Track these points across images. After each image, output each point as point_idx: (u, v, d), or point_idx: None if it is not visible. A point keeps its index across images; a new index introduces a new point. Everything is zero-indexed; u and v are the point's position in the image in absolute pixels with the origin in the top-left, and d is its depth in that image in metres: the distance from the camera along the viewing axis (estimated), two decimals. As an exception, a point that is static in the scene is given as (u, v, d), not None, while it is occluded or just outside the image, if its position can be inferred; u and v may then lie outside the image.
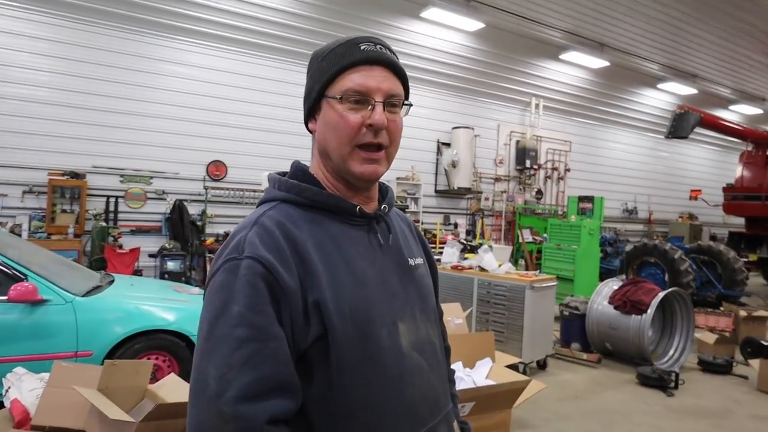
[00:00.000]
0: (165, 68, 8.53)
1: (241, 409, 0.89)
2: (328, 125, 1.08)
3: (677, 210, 16.93)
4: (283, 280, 0.96)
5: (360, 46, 1.08)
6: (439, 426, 1.13)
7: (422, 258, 1.28)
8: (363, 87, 1.05)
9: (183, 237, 8.26)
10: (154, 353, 4.16)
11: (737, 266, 9.66)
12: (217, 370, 0.91)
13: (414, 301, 1.15)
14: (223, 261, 0.99)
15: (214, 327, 0.94)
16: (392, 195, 1.25)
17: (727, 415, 4.75)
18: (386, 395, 1.03)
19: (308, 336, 0.98)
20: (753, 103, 15.84)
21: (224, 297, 0.95)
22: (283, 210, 1.07)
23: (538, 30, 10.79)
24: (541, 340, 5.68)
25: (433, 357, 1.17)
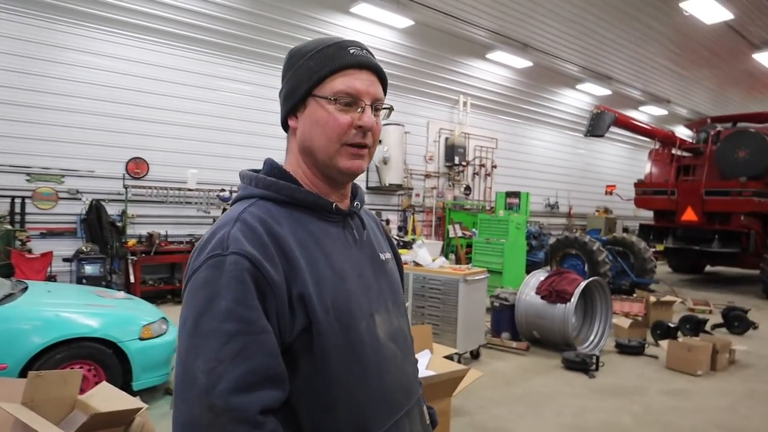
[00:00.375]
0: (77, 58, 7.95)
1: (234, 400, 0.90)
2: (316, 124, 1.11)
3: (594, 204, 18.01)
4: (269, 274, 0.99)
5: (349, 49, 1.13)
6: (413, 409, 1.21)
7: (390, 253, 1.34)
8: (354, 89, 1.10)
9: (102, 239, 7.78)
10: (78, 362, 3.96)
11: (647, 256, 10.43)
12: (206, 364, 0.92)
13: (386, 293, 1.22)
14: (207, 257, 1.00)
15: (199, 323, 0.95)
16: (362, 194, 1.30)
17: (641, 391, 5.16)
18: (366, 383, 1.08)
19: (293, 328, 1.01)
20: (659, 105, 17.08)
21: (209, 293, 0.96)
22: (263, 207, 1.09)
23: (465, 29, 11.09)
24: (474, 331, 5.87)
25: (405, 346, 1.24)
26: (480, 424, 4.27)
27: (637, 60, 13.34)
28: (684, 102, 17.35)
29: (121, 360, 4.14)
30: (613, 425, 4.34)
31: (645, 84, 15.35)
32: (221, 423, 0.89)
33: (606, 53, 12.78)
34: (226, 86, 9.55)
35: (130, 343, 4.16)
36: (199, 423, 0.90)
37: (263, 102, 9.92)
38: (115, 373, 4.07)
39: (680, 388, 5.31)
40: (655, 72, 14.34)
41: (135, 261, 8.04)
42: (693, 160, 12.27)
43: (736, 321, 7.63)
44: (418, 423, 1.23)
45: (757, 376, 5.76)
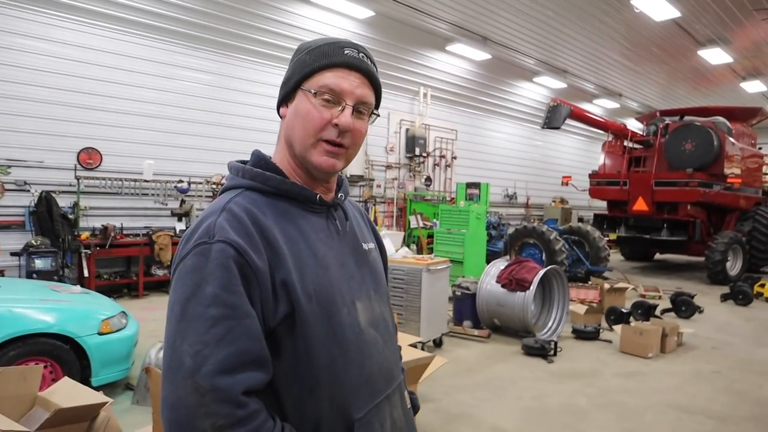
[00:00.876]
0: (25, 43, 7.59)
1: (218, 381, 0.94)
2: (298, 115, 1.15)
3: (551, 195, 18.46)
4: (254, 262, 1.02)
5: (344, 50, 1.16)
6: (393, 394, 1.25)
7: (374, 243, 1.39)
8: (338, 87, 1.13)
9: (53, 232, 7.48)
10: (34, 359, 3.84)
11: (601, 245, 10.79)
12: (192, 347, 0.95)
13: (368, 282, 1.26)
14: (194, 245, 1.04)
15: (186, 308, 0.99)
16: (347, 186, 1.34)
17: (597, 374, 5.37)
18: (348, 368, 1.12)
19: (277, 314, 1.05)
20: (612, 98, 17.58)
21: (196, 279, 1.00)
22: (249, 197, 1.13)
23: (426, 21, 11.13)
24: (437, 319, 5.96)
25: (386, 332, 1.28)
26: (445, 410, 4.36)
27: (592, 54, 13.70)
28: (635, 96, 17.94)
29: (80, 356, 4.05)
30: (571, 407, 4.52)
31: (598, 78, 15.78)
32: (206, 403, 0.93)
33: (562, 47, 13.07)
34: (183, 75, 9.31)
35: (89, 338, 4.07)
36: (186, 403, 0.93)
37: (222, 92, 9.73)
38: (73, 369, 3.96)
39: (633, 370, 5.55)
40: (608, 66, 14.75)
41: (89, 254, 7.78)
42: (644, 152, 12.69)
43: (684, 306, 8.01)
44: (399, 407, 1.27)
45: (703, 357, 6.09)
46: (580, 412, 4.42)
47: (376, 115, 1.23)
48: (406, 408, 1.32)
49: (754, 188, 13.18)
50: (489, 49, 12.55)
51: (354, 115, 1.14)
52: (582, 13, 11.03)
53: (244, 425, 0.95)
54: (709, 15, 11.07)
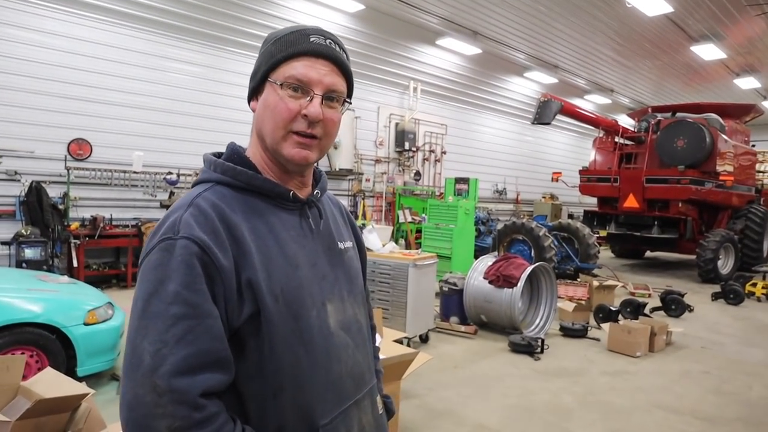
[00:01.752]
0: (16, 34, 7.58)
1: (176, 382, 0.92)
2: (267, 107, 1.11)
3: (541, 191, 18.41)
4: (218, 259, 0.99)
5: (310, 37, 1.11)
6: (364, 399, 1.21)
7: (351, 241, 1.34)
8: (305, 77, 1.09)
9: (43, 222, 7.53)
10: (20, 348, 3.87)
11: (591, 242, 10.72)
12: (152, 345, 0.93)
13: (342, 283, 1.22)
14: (159, 240, 1.01)
15: (148, 304, 0.96)
16: (325, 181, 1.30)
17: (584, 372, 5.29)
18: (314, 371, 1.09)
19: (241, 314, 1.02)
20: (603, 94, 17.58)
21: (159, 275, 0.97)
22: (218, 192, 1.10)
23: (416, 15, 11.03)
24: (423, 315, 5.89)
25: (359, 335, 1.24)
26: (429, 406, 4.28)
27: (583, 50, 13.64)
28: (626, 92, 17.92)
29: (66, 346, 4.09)
30: (557, 405, 4.42)
31: (590, 73, 15.73)
32: (163, 403, 0.91)
33: (553, 42, 12.99)
34: (174, 67, 9.26)
35: (75, 328, 4.10)
36: (143, 402, 0.91)
37: (212, 84, 9.68)
38: (59, 359, 4.00)
39: (620, 369, 5.47)
40: (600, 62, 14.71)
41: (78, 245, 7.86)
42: (635, 149, 12.66)
43: (673, 304, 7.95)
44: (369, 413, 1.23)
45: (691, 357, 6.01)
46: (566, 411, 4.32)
47: (348, 103, 1.18)
48: (377, 414, 1.28)
49: (747, 186, 13.17)
50: (479, 44, 12.46)
51: (324, 104, 1.10)
52: (573, 7, 10.94)
53: (200, 428, 0.93)
54: (702, 10, 11.01)
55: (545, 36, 12.58)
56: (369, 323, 1.37)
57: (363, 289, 1.35)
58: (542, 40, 12.82)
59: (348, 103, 1.18)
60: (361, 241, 1.42)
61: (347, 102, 1.17)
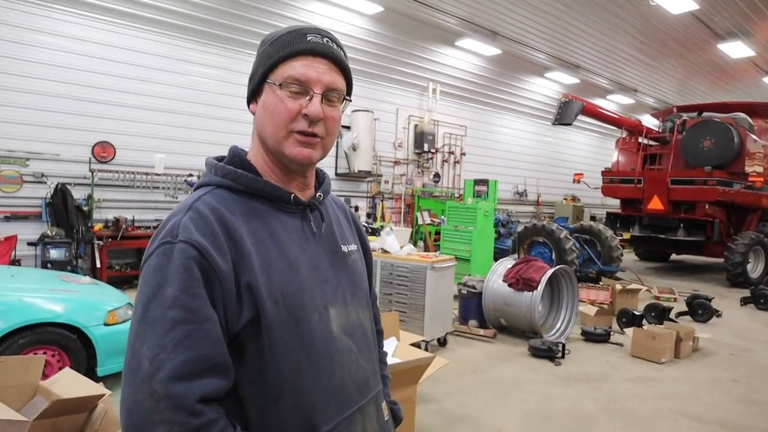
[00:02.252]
0: (44, 40, 7.75)
1: (173, 388, 0.91)
2: (266, 109, 1.11)
3: (562, 192, 18.16)
4: (216, 263, 0.99)
5: (307, 36, 1.11)
6: (368, 405, 1.19)
7: (356, 244, 1.32)
8: (304, 77, 1.08)
9: (67, 223, 7.68)
10: (42, 348, 3.93)
11: (614, 244, 10.49)
12: (151, 350, 0.93)
13: (345, 286, 1.20)
14: (158, 244, 1.01)
15: (147, 309, 0.96)
16: (329, 183, 1.28)
17: (606, 379, 5.15)
18: (316, 376, 1.07)
19: (241, 318, 1.01)
20: (626, 94, 17.27)
21: (158, 279, 0.97)
22: (218, 195, 1.09)
23: (434, 16, 10.97)
24: (442, 318, 5.82)
25: (363, 340, 1.21)
26: (446, 411, 4.21)
27: (605, 49, 13.41)
28: (651, 91, 17.58)
29: (86, 345, 4.14)
30: (578, 412, 4.31)
31: (612, 73, 15.47)
32: (161, 409, 0.90)
33: (574, 42, 12.81)
34: (195, 71, 9.39)
35: (95, 328, 4.14)
36: (142, 407, 0.91)
37: (232, 87, 9.77)
38: (80, 358, 4.05)
39: (644, 375, 5.32)
40: (623, 61, 14.45)
41: (101, 246, 8.00)
42: (659, 149, 12.40)
43: (700, 309, 7.72)
44: (374, 419, 1.21)
45: (720, 364, 5.82)
46: (587, 418, 4.21)
47: (348, 100, 1.17)
48: (383, 420, 1.26)
49: (778, 187, 12.78)
50: (499, 44, 12.34)
51: (324, 102, 1.10)
52: (595, 6, 10.77)
53: None
54: (729, 7, 10.73)
55: (566, 36, 12.40)
56: (375, 328, 1.34)
57: (368, 292, 1.32)
58: (563, 39, 12.64)
59: (348, 100, 1.17)
60: (366, 243, 1.40)
61: (347, 99, 1.16)
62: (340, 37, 10.81)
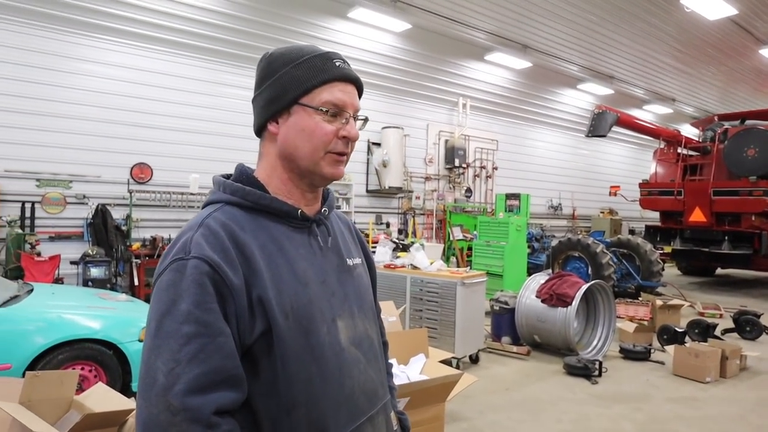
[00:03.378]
0: (84, 68, 8.08)
1: (189, 401, 0.93)
2: (302, 131, 1.14)
3: (598, 205, 17.73)
4: (229, 278, 1.01)
5: (335, 62, 1.17)
6: (377, 416, 1.21)
7: (360, 258, 1.35)
8: (341, 102, 1.14)
9: (107, 242, 7.90)
10: (80, 363, 4.05)
11: (653, 258, 10.17)
12: (166, 364, 0.95)
13: (352, 299, 1.22)
14: (170, 261, 1.03)
15: (161, 324, 0.98)
16: (333, 198, 1.32)
17: (646, 398, 4.94)
18: (327, 387, 1.09)
19: (253, 331, 1.03)
20: (664, 103, 16.83)
21: (171, 295, 0.99)
22: (228, 212, 1.12)
23: (463, 31, 10.97)
24: (473, 335, 5.72)
25: (371, 351, 1.24)
26: (477, 430, 4.13)
27: (640, 58, 13.14)
28: (689, 100, 17.10)
29: (122, 361, 4.23)
30: (616, 434, 4.13)
31: (648, 82, 15.13)
32: (177, 422, 0.92)
33: (607, 52, 12.60)
34: (228, 92, 9.59)
35: (130, 344, 4.22)
36: (158, 422, 0.93)
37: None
38: (115, 374, 4.15)
39: (687, 395, 5.08)
40: (659, 70, 14.12)
41: (139, 264, 8.20)
42: (700, 160, 12.03)
43: (748, 325, 7.35)
44: (384, 429, 1.23)
45: (769, 382, 5.52)
46: (626, 441, 4.03)
47: (365, 120, 1.25)
48: (392, 429, 1.29)
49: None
50: (529, 57, 12.23)
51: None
52: (627, 15, 10.58)
53: None
54: (769, 11, 10.39)
55: (599, 46, 12.21)
56: (381, 339, 1.37)
57: (373, 305, 1.35)
58: (596, 50, 12.45)
59: (365, 120, 1.25)
60: (369, 257, 1.43)
61: (362, 119, 1.24)
62: (369, 55, 11.04)
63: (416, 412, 3.28)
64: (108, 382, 3.93)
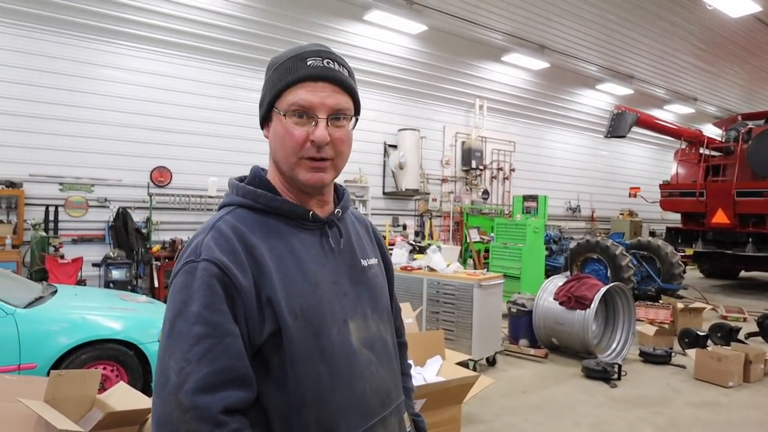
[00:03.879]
0: (105, 73, 8.22)
1: (198, 400, 0.95)
2: (276, 137, 1.14)
3: (618, 207, 17.51)
4: (237, 280, 1.03)
5: (307, 61, 1.12)
6: (390, 417, 1.20)
7: (377, 258, 1.34)
8: (307, 103, 1.10)
9: (128, 245, 8.03)
10: (102, 363, 4.12)
11: (675, 260, 10.00)
12: (177, 364, 0.98)
13: (365, 300, 1.22)
14: (183, 263, 1.06)
15: (174, 325, 1.01)
16: (348, 198, 1.31)
17: (667, 403, 4.86)
18: (337, 388, 1.10)
19: (263, 332, 1.04)
20: (685, 103, 16.57)
21: (183, 297, 1.02)
22: (239, 215, 1.14)
23: (479, 32, 10.94)
24: (490, 337, 5.70)
25: (384, 352, 1.23)
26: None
27: (660, 57, 12.96)
28: (712, 99, 16.82)
29: (142, 361, 4.27)
30: (635, 439, 4.07)
31: (669, 82, 14.91)
32: (187, 420, 0.95)
33: (626, 52, 12.45)
34: (245, 96, 9.66)
35: (151, 345, 4.28)
36: (170, 419, 0.96)
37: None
38: (136, 374, 4.22)
39: (709, 400, 4.99)
40: (680, 69, 13.92)
41: (159, 266, 8.32)
42: (723, 160, 11.81)
43: (773, 329, 7.20)
44: (396, 430, 1.23)
45: (795, 386, 5.39)
46: (646, 445, 3.97)
47: (356, 118, 1.19)
48: (405, 431, 1.28)
49: None
50: (547, 58, 12.15)
51: (331, 124, 1.11)
52: (647, 14, 10.45)
53: None
54: (794, 7, 10.17)
55: (617, 46, 12.08)
56: (396, 340, 1.36)
57: (389, 306, 1.34)
58: (614, 50, 12.32)
59: (356, 118, 1.18)
60: (387, 257, 1.42)
61: (355, 118, 1.18)
62: (385, 57, 11.05)
63: (432, 413, 3.28)
64: (129, 381, 3.99)
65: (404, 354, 1.43)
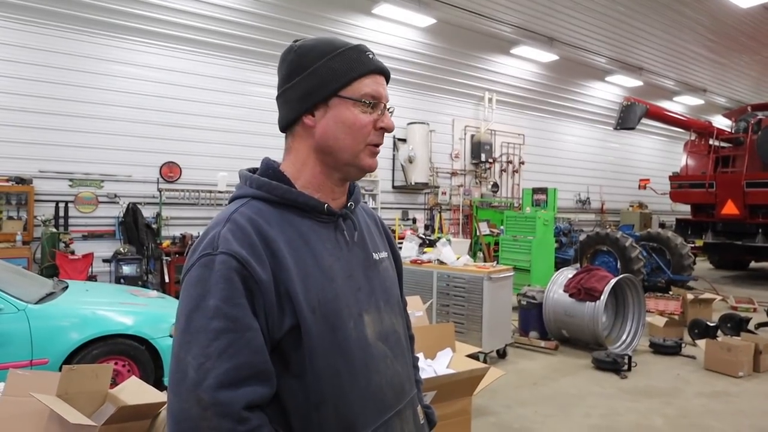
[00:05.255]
0: (114, 69, 8.26)
1: (220, 395, 0.94)
2: (342, 124, 1.14)
3: (628, 199, 17.45)
4: (257, 273, 1.01)
5: (368, 54, 1.18)
6: (405, 410, 1.21)
7: (387, 252, 1.34)
8: (377, 93, 1.16)
9: (138, 240, 8.06)
10: (113, 358, 4.15)
11: (684, 252, 10.00)
12: (196, 359, 0.95)
13: (378, 293, 1.22)
14: (198, 256, 1.04)
15: (191, 319, 0.98)
16: (359, 192, 1.32)
17: (677, 393, 4.91)
18: (354, 382, 1.10)
19: (282, 326, 1.04)
20: (695, 94, 16.45)
21: (200, 291, 1.00)
22: (255, 207, 1.12)
23: (488, 25, 10.91)
24: (500, 329, 5.75)
25: (398, 345, 1.24)
26: (505, 424, 4.15)
27: (670, 49, 12.87)
28: (722, 90, 16.67)
29: (154, 356, 4.30)
30: (645, 428, 4.13)
31: (679, 73, 14.81)
32: (208, 417, 0.93)
33: (636, 43, 12.37)
34: (255, 90, 9.67)
35: (162, 340, 4.31)
36: (189, 416, 0.93)
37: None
38: (148, 368, 4.24)
39: (719, 390, 5.03)
40: (690, 60, 13.81)
41: (169, 261, 8.33)
42: (732, 151, 11.76)
43: (783, 319, 7.22)
44: (411, 423, 1.24)
45: (805, 377, 5.42)
46: (656, 434, 4.03)
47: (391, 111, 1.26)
48: (419, 424, 1.29)
49: None
50: (556, 50, 12.10)
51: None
52: (656, 5, 10.39)
53: None
54: (805, -3, 10.07)
55: (627, 38, 12.00)
56: (407, 333, 1.37)
57: (399, 299, 1.35)
58: (624, 42, 12.24)
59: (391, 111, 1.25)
60: (396, 250, 1.43)
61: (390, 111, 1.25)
62: (394, 51, 11.04)
63: (443, 405, 3.31)
64: (141, 376, 4.01)
65: (412, 347, 1.44)
